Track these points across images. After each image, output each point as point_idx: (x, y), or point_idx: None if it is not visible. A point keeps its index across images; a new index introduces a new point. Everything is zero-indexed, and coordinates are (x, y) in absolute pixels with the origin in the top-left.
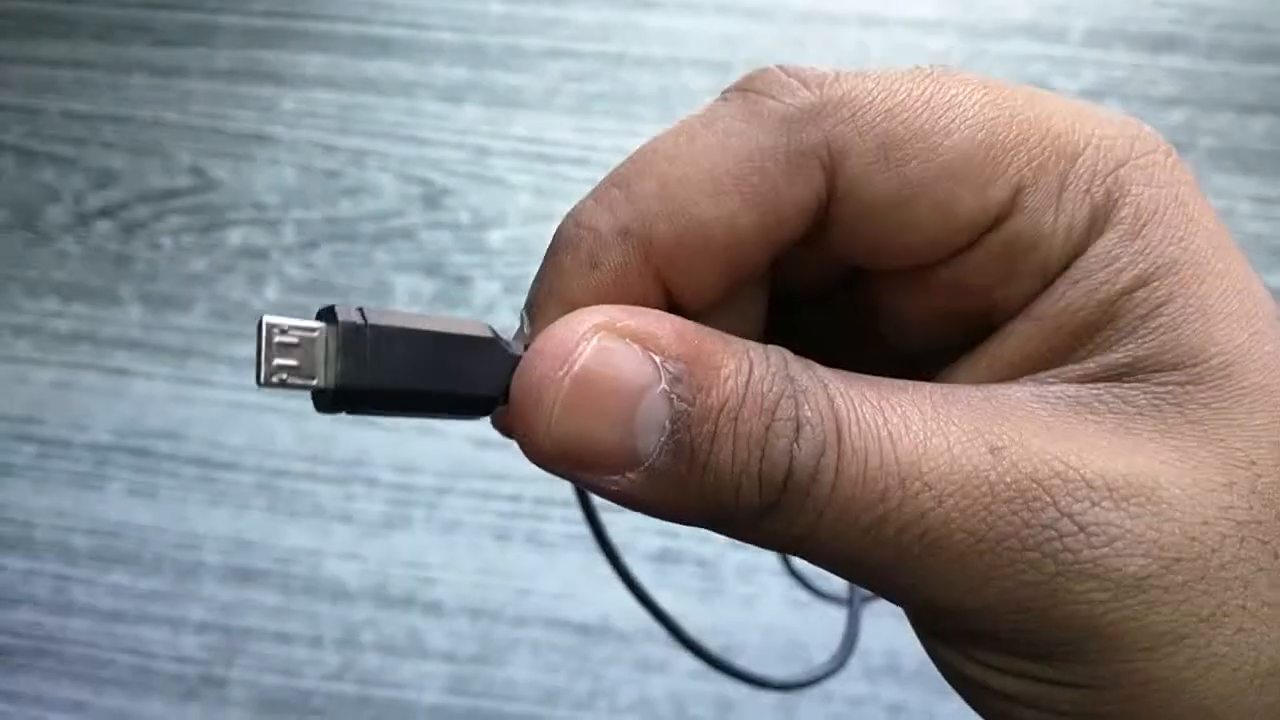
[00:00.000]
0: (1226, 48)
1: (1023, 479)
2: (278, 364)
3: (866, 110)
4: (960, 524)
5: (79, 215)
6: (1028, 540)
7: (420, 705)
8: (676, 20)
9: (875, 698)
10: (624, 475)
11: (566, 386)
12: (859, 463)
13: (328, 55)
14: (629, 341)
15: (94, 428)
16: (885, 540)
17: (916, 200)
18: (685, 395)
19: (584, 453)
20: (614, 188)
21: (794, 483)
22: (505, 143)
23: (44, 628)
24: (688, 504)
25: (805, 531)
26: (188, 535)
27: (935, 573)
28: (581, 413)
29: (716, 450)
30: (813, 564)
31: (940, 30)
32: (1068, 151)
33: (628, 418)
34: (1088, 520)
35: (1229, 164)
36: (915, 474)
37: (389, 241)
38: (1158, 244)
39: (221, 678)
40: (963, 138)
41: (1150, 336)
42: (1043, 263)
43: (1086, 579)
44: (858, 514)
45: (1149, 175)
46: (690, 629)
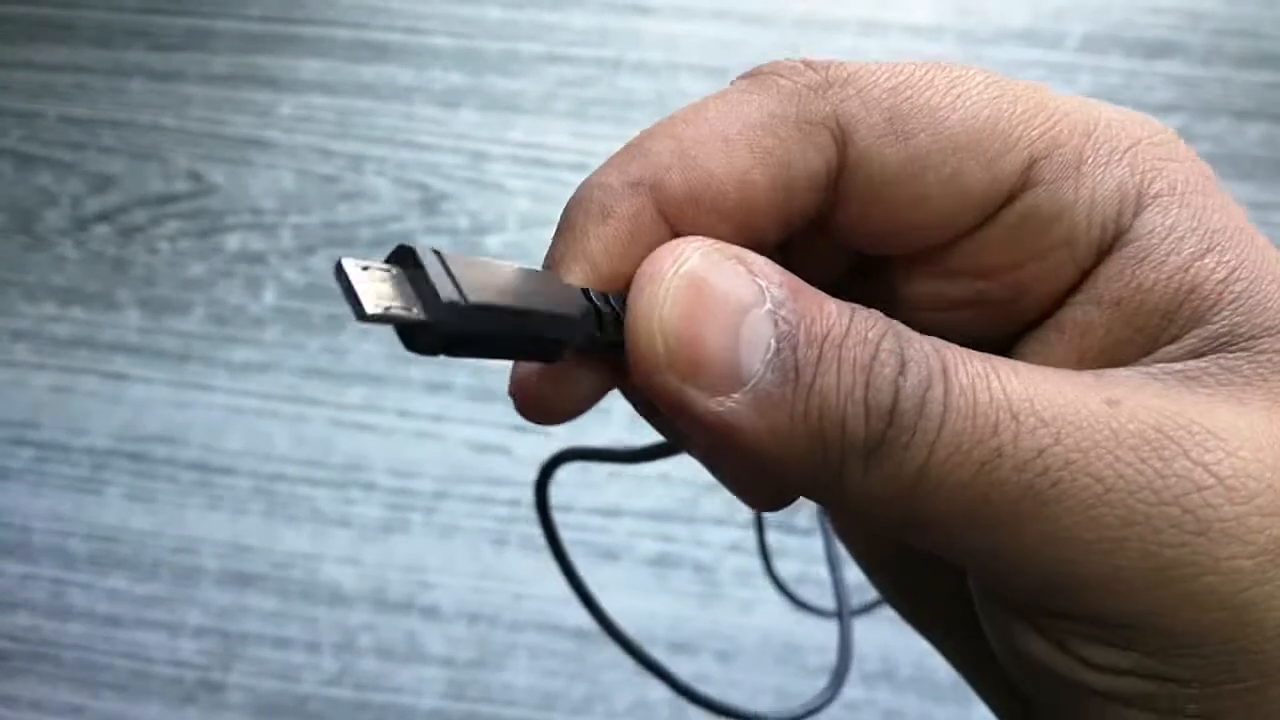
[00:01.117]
0: (1222, 54)
1: (1146, 429)
2: (375, 295)
3: (872, 88)
4: (1084, 467)
5: (77, 220)
6: (1163, 492)
7: (418, 710)
8: (673, 25)
9: (871, 703)
10: (729, 397)
11: (677, 282)
12: (967, 397)
13: (325, 60)
14: (735, 261)
15: (92, 432)
16: (1001, 481)
17: (926, 173)
18: (790, 318)
19: (692, 355)
20: (624, 152)
21: (900, 413)
22: (503, 148)
23: (41, 632)
24: (793, 437)
25: (913, 475)
26: (185, 540)
27: (1059, 532)
28: (691, 311)
29: (822, 373)
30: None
31: (938, 36)
32: (1080, 128)
33: (733, 330)
34: (1225, 472)
35: (1225, 170)
36: (1029, 409)
37: (387, 246)
38: (1206, 213)
39: (219, 682)
40: (969, 113)
41: (1238, 303)
42: (1068, 236)
43: (1231, 541)
44: (970, 449)
45: (1170, 151)
46: (688, 633)
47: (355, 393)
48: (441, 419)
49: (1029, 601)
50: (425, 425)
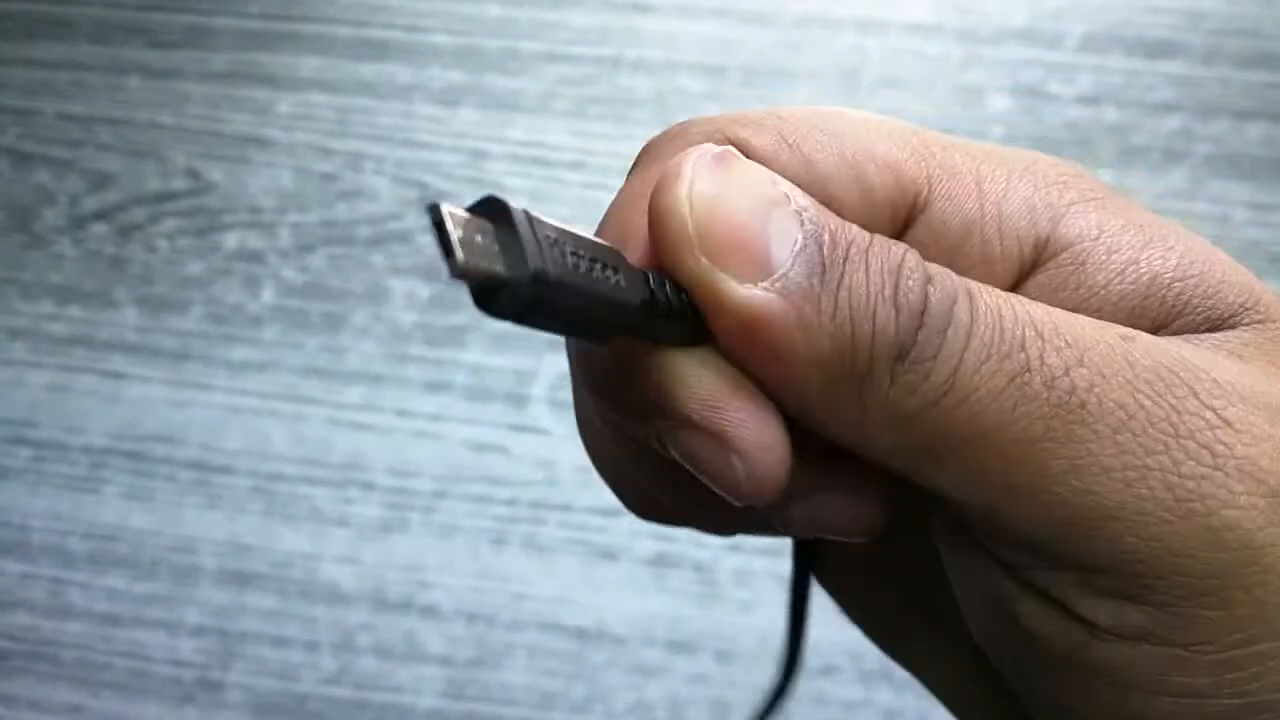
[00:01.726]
0: (1223, 54)
1: (1159, 366)
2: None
3: (756, 119)
4: (1108, 391)
5: (74, 218)
6: (1180, 426)
7: (417, 709)
8: (673, 24)
9: (870, 702)
10: (758, 285)
11: (708, 158)
12: (993, 314)
13: (324, 58)
14: (758, 166)
15: (90, 431)
16: (1031, 396)
17: (829, 178)
18: (815, 220)
19: (722, 232)
20: None
21: (930, 316)
22: (502, 146)
23: (40, 631)
24: (822, 335)
25: (942, 383)
26: (184, 539)
27: (1086, 457)
28: (722, 189)
29: (850, 271)
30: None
31: (937, 35)
32: (972, 153)
33: (762, 219)
34: (1231, 416)
35: (1225, 170)
36: (1053, 330)
37: (386, 245)
38: (1129, 210)
39: (218, 681)
40: (859, 130)
41: (1202, 283)
42: (982, 251)
43: (1245, 477)
44: (1000, 360)
45: (1069, 168)
46: (687, 633)
47: (354, 392)
48: (440, 418)
49: (1040, 548)
50: (424, 425)
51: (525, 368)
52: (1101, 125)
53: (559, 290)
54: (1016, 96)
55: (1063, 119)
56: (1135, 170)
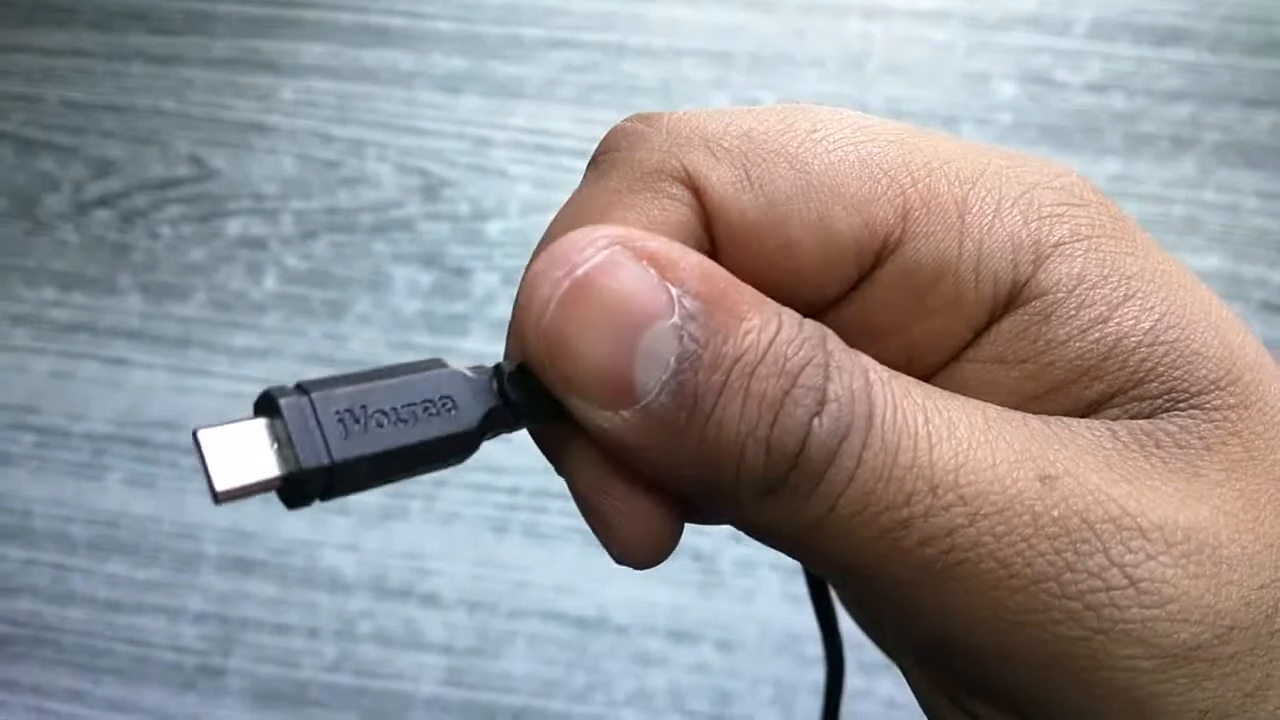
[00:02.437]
0: (1232, 41)
1: (1072, 516)
2: (228, 472)
3: (720, 137)
4: (993, 551)
5: (78, 204)
6: (1069, 587)
7: (417, 696)
8: (677, 10)
9: (871, 693)
10: (618, 412)
11: (565, 287)
12: (888, 456)
13: (326, 44)
14: (646, 264)
15: (92, 417)
16: (903, 551)
17: (789, 220)
18: (698, 336)
19: (576, 366)
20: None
21: (807, 459)
22: (505, 133)
23: (42, 617)
24: (683, 460)
25: (812, 522)
26: (186, 525)
27: (955, 604)
28: (576, 320)
29: (724, 403)
30: (814, 568)
31: (943, 22)
32: (961, 176)
33: (629, 343)
34: (1141, 575)
35: (1234, 158)
36: (950, 483)
37: (388, 232)
38: (1119, 257)
39: (219, 668)
40: (832, 158)
41: (1173, 353)
42: (955, 293)
43: (1132, 643)
44: (877, 514)
45: (1071, 194)
46: (688, 622)
47: None
48: None
49: (927, 654)
50: None
51: None
52: (1109, 113)
53: (351, 466)
54: (1023, 84)
55: (1070, 106)
56: (1143, 158)
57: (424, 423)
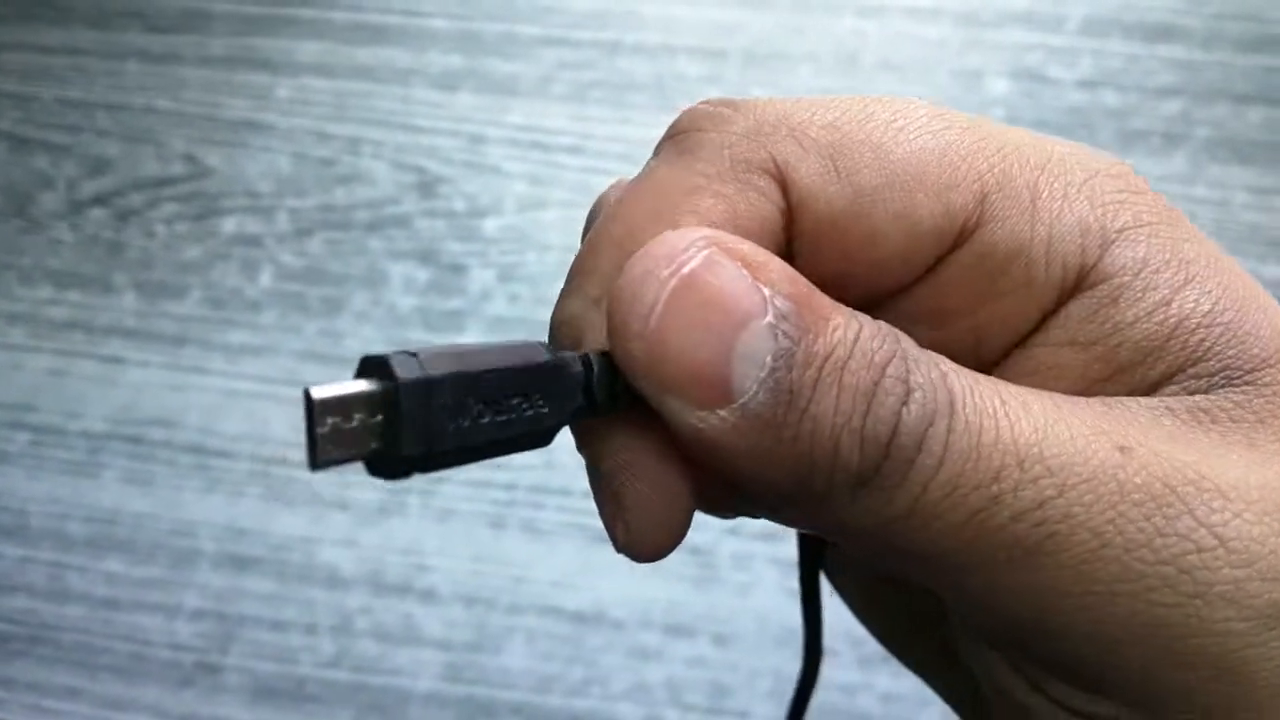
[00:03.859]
0: (1223, 38)
1: (1154, 481)
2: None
3: (806, 126)
4: (1084, 522)
5: (73, 203)
6: (1162, 551)
7: (415, 692)
8: (672, 8)
9: (869, 686)
10: (714, 412)
11: (672, 286)
12: (973, 437)
13: (322, 42)
14: (739, 264)
15: (88, 415)
16: (994, 529)
17: (874, 210)
18: (791, 333)
19: (678, 369)
20: (575, 275)
21: (898, 447)
22: (500, 130)
23: (40, 615)
24: (779, 459)
25: (903, 511)
26: (183, 523)
27: (1047, 579)
28: (682, 320)
29: (819, 397)
30: (902, 562)
31: (937, 19)
32: (1032, 161)
33: (728, 341)
34: (1229, 534)
35: (1225, 154)
36: (1036, 456)
37: (383, 229)
38: (1178, 243)
39: (217, 664)
40: (914, 146)
41: (1229, 333)
42: (1026, 277)
43: (1226, 604)
44: (966, 494)
45: (1126, 183)
46: (684, 616)
47: None
48: None
49: (1007, 640)
50: None
51: None
52: (1101, 109)
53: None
54: (1016, 80)
55: (1063, 103)
56: (1135, 154)
57: (519, 416)
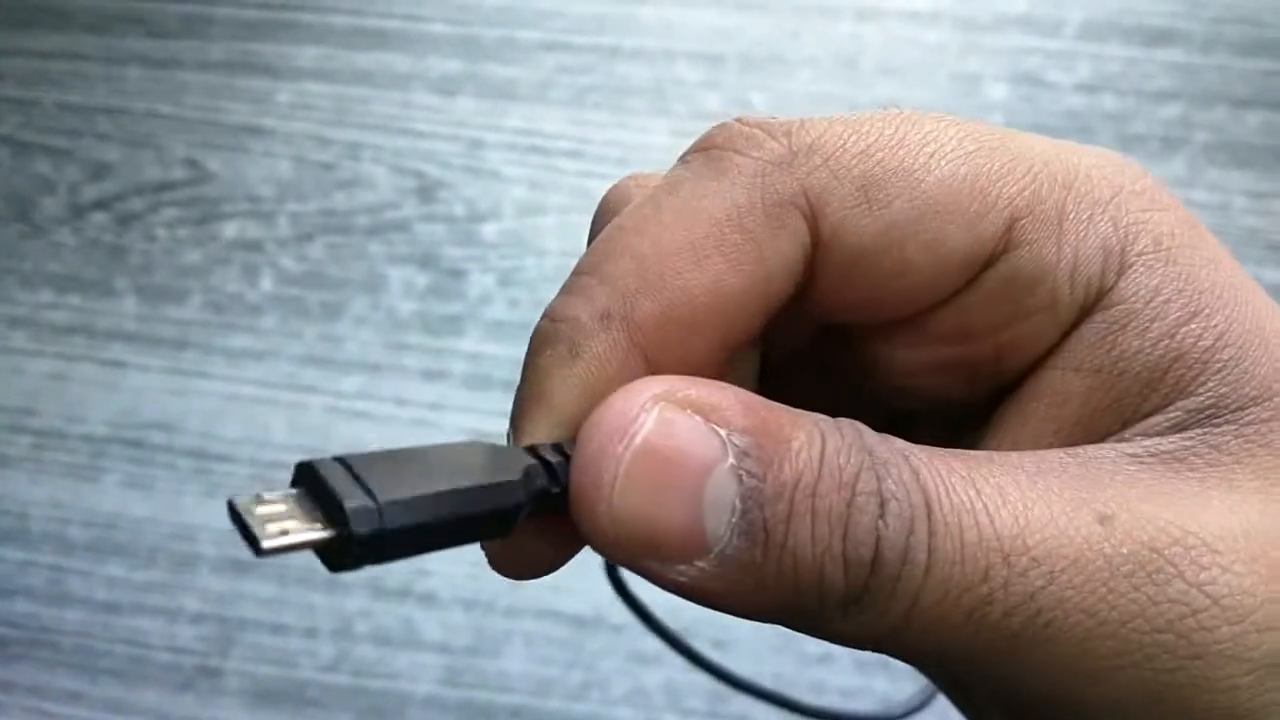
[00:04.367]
0: (1222, 42)
1: (1140, 549)
2: (272, 527)
3: (840, 154)
4: (1077, 604)
5: (74, 207)
6: (1156, 620)
7: (414, 696)
8: (670, 12)
9: (867, 690)
10: (692, 564)
11: (627, 461)
12: (954, 539)
13: (322, 47)
14: (691, 413)
15: (89, 419)
16: (991, 626)
17: (905, 241)
18: (755, 471)
19: (649, 536)
20: (584, 275)
21: (882, 563)
22: (499, 135)
23: (40, 618)
24: (765, 595)
25: (899, 622)
26: (183, 527)
27: (1051, 662)
28: (644, 490)
29: (794, 530)
30: (906, 661)
31: (935, 23)
32: (1059, 180)
33: (695, 497)
34: (1220, 591)
35: (1223, 158)
36: (1020, 548)
37: (383, 234)
38: (1194, 269)
39: (217, 668)
40: (945, 172)
41: (1225, 371)
42: (1051, 299)
43: (1226, 662)
44: (958, 597)
45: (1151, 200)
46: (684, 620)
47: (352, 380)
48: (439, 407)
49: (1019, 716)
50: (423, 413)
51: (523, 356)
52: (1100, 113)
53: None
54: (1015, 84)
55: (1061, 107)
56: (1133, 158)
57: (468, 496)
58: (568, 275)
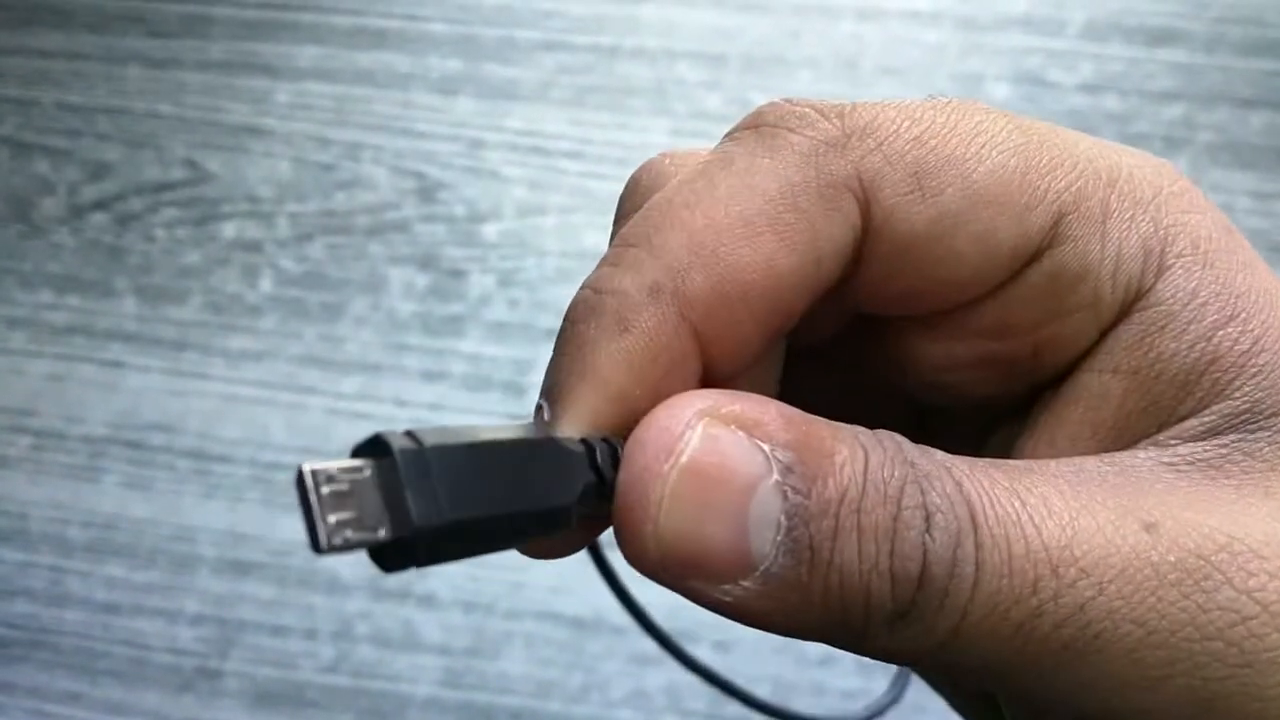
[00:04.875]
0: (1225, 42)
1: (1187, 557)
2: (334, 521)
3: (893, 139)
4: (1126, 614)
5: (73, 207)
6: (1207, 628)
7: (414, 698)
8: (671, 12)
9: (868, 692)
10: (737, 584)
11: (674, 480)
12: (1002, 551)
13: (322, 47)
14: (735, 429)
15: (89, 420)
16: (1040, 639)
17: (955, 231)
18: (799, 487)
19: (695, 555)
20: (631, 247)
21: (929, 578)
22: (500, 135)
23: (40, 620)
24: (811, 613)
25: (947, 636)
26: (183, 528)
27: (1099, 674)
28: (691, 509)
29: (840, 547)
30: (955, 676)
31: (936, 23)
32: (1104, 177)
33: (740, 515)
34: (1270, 598)
35: (1227, 159)
36: (1069, 559)
37: (383, 234)
38: (1231, 274)
39: (216, 670)
40: (996, 163)
41: (1261, 376)
42: (1093, 297)
43: (1278, 668)
44: (1007, 610)
45: (1190, 202)
46: (686, 622)
47: (352, 381)
48: (439, 407)
49: None
50: (422, 414)
51: (523, 357)
52: (1102, 113)
53: (455, 534)
54: (1017, 85)
55: (1064, 107)
56: None
57: (525, 492)
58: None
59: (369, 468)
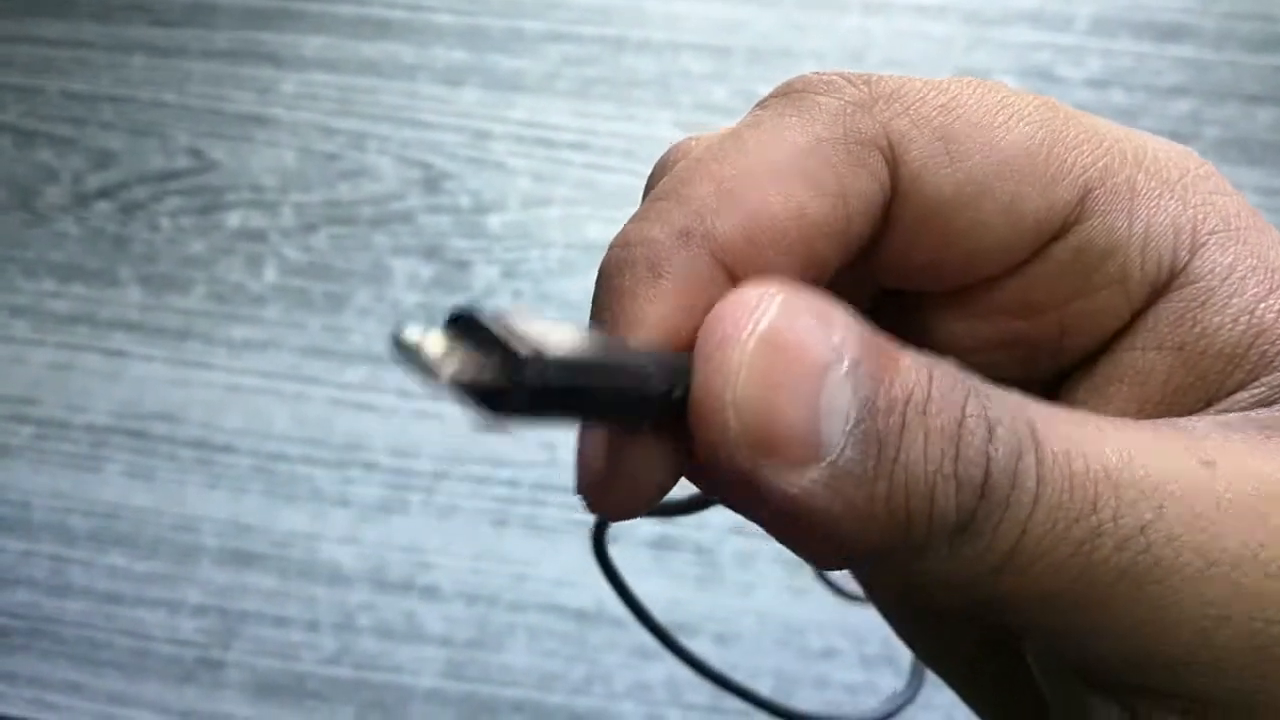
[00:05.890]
0: (1233, 37)
1: (1246, 495)
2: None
3: (920, 105)
4: (1188, 542)
5: (77, 196)
6: (1270, 565)
7: (417, 689)
8: (676, 4)
9: (871, 685)
10: (804, 475)
11: (752, 348)
12: (1063, 466)
13: (327, 37)
14: (811, 313)
15: (92, 409)
16: (1099, 562)
17: (981, 199)
18: (868, 382)
19: (768, 431)
20: (659, 200)
21: (993, 487)
22: (505, 126)
23: (41, 609)
24: (875, 518)
25: (1005, 555)
26: (185, 518)
27: (1154, 610)
28: (768, 380)
29: (907, 445)
30: (997, 613)
31: (943, 16)
32: (1131, 157)
33: (813, 397)
34: None
35: (1234, 155)
36: (1130, 479)
37: (388, 225)
38: (1264, 249)
39: (218, 660)
40: (1023, 134)
41: None
42: (1121, 273)
43: None
44: (1067, 528)
45: (1216, 185)
46: (687, 615)
47: (356, 372)
48: (442, 399)
49: (1113, 677)
50: (426, 405)
51: None
52: (1110, 108)
53: (563, 376)
54: (1024, 79)
55: (1071, 101)
56: None
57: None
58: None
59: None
